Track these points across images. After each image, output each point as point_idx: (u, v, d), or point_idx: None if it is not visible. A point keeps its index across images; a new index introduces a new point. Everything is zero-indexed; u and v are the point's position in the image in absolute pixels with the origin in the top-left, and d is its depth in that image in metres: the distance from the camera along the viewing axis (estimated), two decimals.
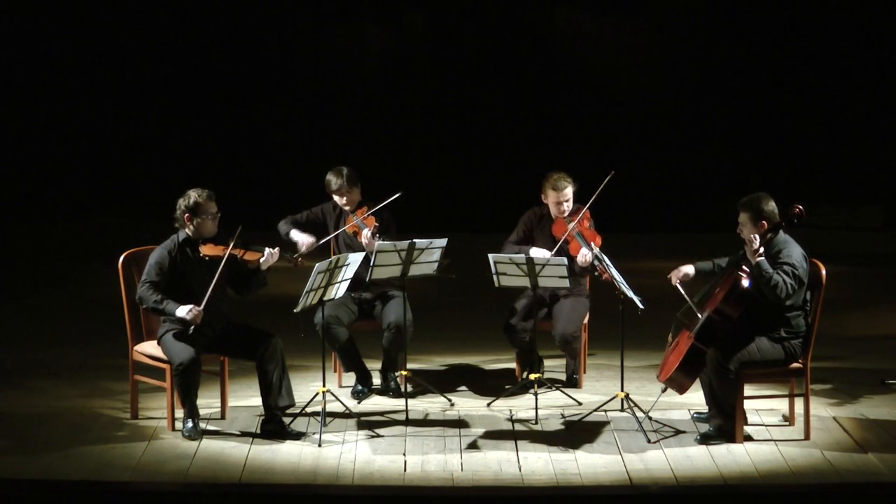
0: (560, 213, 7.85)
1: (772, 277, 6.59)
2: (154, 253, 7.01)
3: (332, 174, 7.91)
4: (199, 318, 6.85)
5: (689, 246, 13.83)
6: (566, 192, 7.82)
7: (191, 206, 6.98)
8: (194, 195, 7.00)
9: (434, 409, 7.49)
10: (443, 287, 10.00)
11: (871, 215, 15.70)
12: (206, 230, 7.01)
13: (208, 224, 7.01)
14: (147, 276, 6.93)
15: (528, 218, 8.02)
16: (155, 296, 6.87)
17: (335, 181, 7.87)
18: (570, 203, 7.84)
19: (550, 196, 7.84)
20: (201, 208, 6.98)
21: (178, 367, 6.81)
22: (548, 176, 7.88)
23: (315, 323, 7.47)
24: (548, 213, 7.93)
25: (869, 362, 8.63)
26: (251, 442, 6.84)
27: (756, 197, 6.80)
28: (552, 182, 7.83)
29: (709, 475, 6.35)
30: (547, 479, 6.30)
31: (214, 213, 7.03)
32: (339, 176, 7.86)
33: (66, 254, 13.77)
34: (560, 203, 7.81)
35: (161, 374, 7.06)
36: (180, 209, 7.01)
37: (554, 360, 8.35)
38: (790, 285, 6.62)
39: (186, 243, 7.02)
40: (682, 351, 6.78)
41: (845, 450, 6.72)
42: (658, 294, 7.79)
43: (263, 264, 7.03)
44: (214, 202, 7.04)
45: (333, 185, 7.88)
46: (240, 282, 7.14)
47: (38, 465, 6.45)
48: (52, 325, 9.99)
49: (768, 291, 6.61)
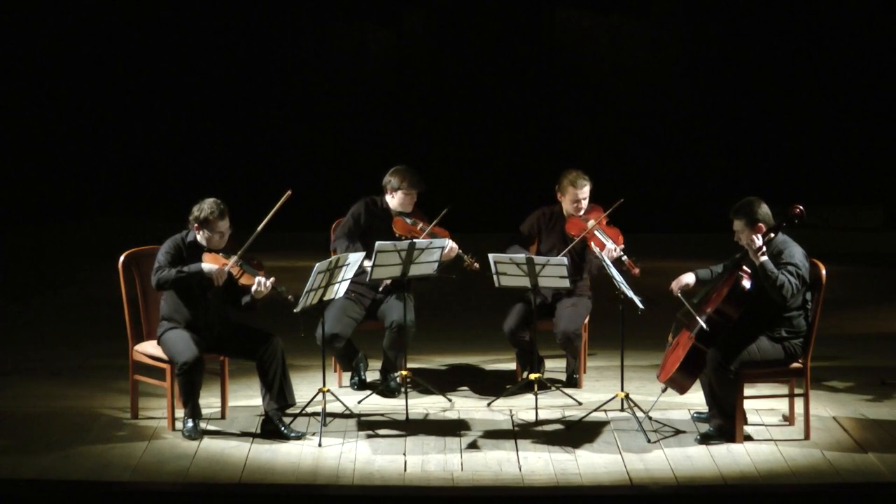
0: (576, 212, 7.81)
1: (777, 278, 6.58)
2: (165, 243, 6.98)
3: (404, 173, 7.72)
4: (223, 277, 6.82)
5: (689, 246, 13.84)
6: (585, 191, 7.77)
7: (201, 220, 6.93)
8: (207, 211, 6.91)
9: (434, 409, 7.49)
10: (443, 287, 9.99)
11: (871, 215, 15.71)
12: (213, 244, 6.98)
13: (215, 239, 6.96)
14: (158, 263, 6.91)
15: (538, 215, 7.95)
16: (171, 270, 6.84)
17: (411, 181, 7.70)
18: (587, 202, 7.81)
19: (569, 193, 7.77)
20: (210, 225, 6.92)
21: (182, 367, 6.81)
22: (566, 173, 7.82)
23: (316, 337, 7.45)
24: (560, 212, 7.88)
25: (869, 362, 8.63)
26: (251, 442, 6.83)
27: (747, 202, 6.78)
28: (571, 179, 7.76)
29: (709, 475, 6.35)
30: (547, 479, 6.29)
31: (224, 232, 6.96)
32: (415, 176, 7.72)
33: (66, 254, 13.78)
34: (578, 201, 7.77)
35: (161, 374, 7.06)
36: (193, 216, 6.96)
37: (554, 360, 8.35)
38: (795, 285, 6.62)
39: (193, 246, 7.00)
40: (683, 351, 6.78)
41: (845, 450, 6.71)
42: (658, 294, 7.79)
43: (255, 294, 6.91)
44: (227, 220, 6.94)
45: (409, 183, 7.70)
46: (232, 298, 7.09)
47: (37, 465, 6.45)
48: (52, 325, 9.99)
49: (774, 292, 6.61)
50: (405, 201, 7.77)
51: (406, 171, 7.79)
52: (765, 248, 6.66)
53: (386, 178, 7.79)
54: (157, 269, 6.91)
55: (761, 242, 6.65)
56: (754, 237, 6.67)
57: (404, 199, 7.76)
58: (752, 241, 6.66)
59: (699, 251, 13.19)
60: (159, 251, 6.98)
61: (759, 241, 6.65)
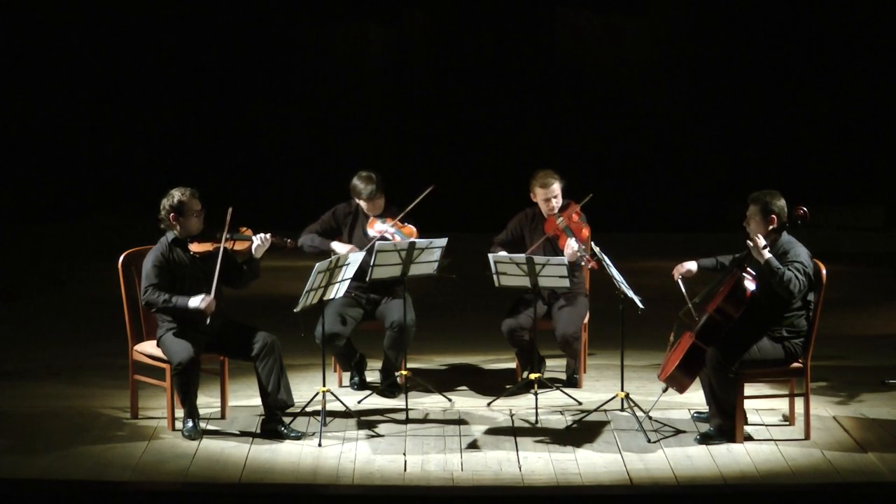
0: (550, 210, 7.84)
1: (784, 273, 6.58)
2: (147, 258, 6.97)
3: (361, 181, 7.79)
4: (213, 306, 6.85)
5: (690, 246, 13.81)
6: (553, 189, 7.82)
7: (175, 205, 6.94)
8: (178, 194, 6.95)
9: (434, 409, 7.49)
10: (443, 287, 9.99)
11: (871, 215, 15.71)
12: (192, 228, 6.98)
13: (193, 222, 6.98)
14: (147, 280, 6.90)
15: (519, 218, 8.02)
16: (162, 296, 6.86)
17: (366, 188, 7.77)
18: (559, 199, 7.84)
19: (539, 194, 7.84)
20: (185, 207, 6.95)
21: (176, 367, 6.81)
22: (534, 174, 7.89)
23: (315, 336, 7.46)
24: (540, 213, 7.93)
25: (869, 362, 8.63)
26: (251, 442, 6.83)
27: (766, 192, 6.81)
28: (539, 180, 7.84)
29: (709, 475, 6.34)
30: (547, 479, 6.29)
31: (199, 211, 6.99)
32: (370, 182, 7.75)
33: (66, 254, 13.78)
34: (549, 200, 7.81)
35: (161, 374, 7.06)
36: (164, 209, 6.97)
37: (554, 359, 8.35)
38: (802, 281, 6.62)
39: (176, 244, 7.00)
40: (684, 350, 6.78)
41: (845, 449, 6.71)
42: (658, 294, 7.80)
43: (257, 251, 7.00)
44: (198, 199, 6.99)
45: (364, 192, 7.78)
46: (233, 275, 7.11)
47: (38, 464, 6.45)
48: (52, 325, 9.99)
49: (781, 288, 6.59)
50: (369, 207, 7.82)
51: (360, 181, 7.81)
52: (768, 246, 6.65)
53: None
54: (145, 287, 6.90)
55: (763, 241, 6.65)
56: (757, 236, 6.67)
57: (368, 206, 7.82)
58: (755, 239, 6.66)
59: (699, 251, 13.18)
60: (144, 266, 6.95)
61: (762, 241, 6.65)
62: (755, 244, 6.64)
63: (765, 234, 6.71)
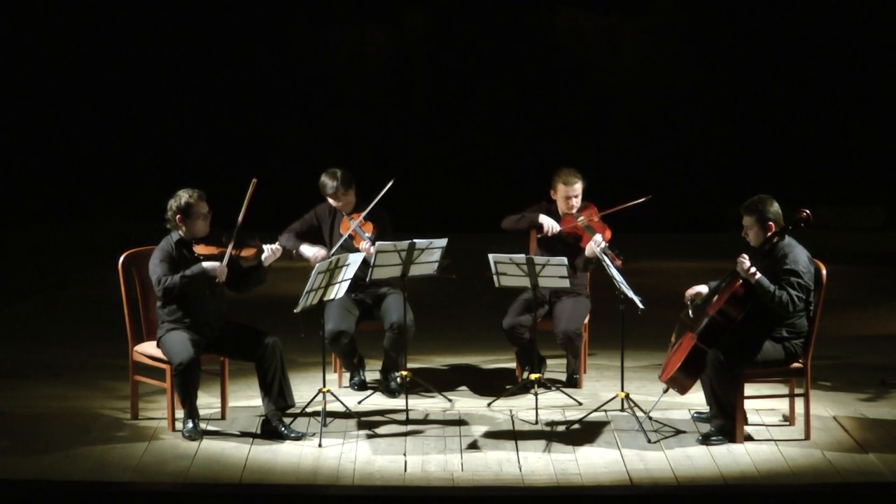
0: (568, 209, 7.84)
1: (775, 294, 6.57)
2: (153, 256, 6.96)
3: (326, 177, 7.84)
4: (224, 274, 6.86)
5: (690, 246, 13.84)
6: (576, 188, 7.81)
7: (182, 207, 6.94)
8: (185, 196, 6.95)
9: (434, 409, 7.49)
10: (443, 287, 9.99)
11: (871, 215, 15.71)
12: (198, 231, 6.98)
13: (199, 224, 6.98)
14: (155, 274, 6.88)
15: (536, 209, 7.99)
16: (175, 277, 6.84)
17: (330, 184, 7.81)
18: (579, 200, 7.83)
19: (560, 190, 7.83)
20: (192, 209, 6.95)
21: (177, 368, 6.81)
22: (558, 171, 7.88)
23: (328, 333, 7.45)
24: (555, 210, 7.91)
25: (869, 362, 8.63)
26: (251, 442, 6.83)
27: (758, 199, 6.77)
28: (563, 177, 7.82)
29: (709, 475, 6.34)
30: (547, 479, 6.29)
31: (206, 214, 6.99)
32: (334, 178, 7.79)
33: (66, 254, 13.78)
34: (569, 198, 7.81)
35: (161, 374, 7.06)
36: (171, 210, 6.97)
37: (554, 360, 8.35)
38: (797, 297, 6.59)
39: (181, 244, 7.00)
40: (685, 351, 6.77)
41: (845, 450, 6.71)
42: (658, 294, 7.80)
43: (266, 261, 7.02)
44: (205, 202, 6.99)
45: (328, 188, 7.82)
46: (237, 280, 7.11)
47: (37, 465, 6.45)
48: (52, 325, 10.00)
49: (777, 308, 6.59)
50: (339, 205, 7.84)
51: (325, 177, 7.83)
52: (755, 271, 6.61)
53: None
54: (158, 280, 6.89)
55: (749, 265, 6.61)
56: (742, 257, 6.63)
57: (336, 203, 7.84)
58: (740, 261, 6.63)
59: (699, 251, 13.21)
60: (151, 263, 6.95)
61: (748, 264, 6.61)
62: (743, 269, 6.62)
63: (765, 241, 6.70)
